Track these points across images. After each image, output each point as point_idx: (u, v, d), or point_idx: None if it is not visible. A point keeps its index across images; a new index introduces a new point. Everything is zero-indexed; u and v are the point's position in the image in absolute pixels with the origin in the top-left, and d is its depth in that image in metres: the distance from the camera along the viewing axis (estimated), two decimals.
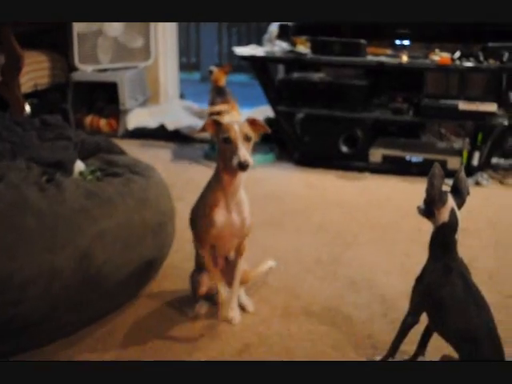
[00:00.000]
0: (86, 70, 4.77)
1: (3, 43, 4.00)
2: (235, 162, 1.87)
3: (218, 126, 1.97)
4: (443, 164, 3.95)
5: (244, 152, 1.87)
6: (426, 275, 1.83)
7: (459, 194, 1.82)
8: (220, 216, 2.03)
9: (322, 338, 2.10)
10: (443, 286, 1.78)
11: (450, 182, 1.86)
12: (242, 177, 2.00)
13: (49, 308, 1.90)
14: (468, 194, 1.83)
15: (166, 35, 5.32)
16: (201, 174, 3.90)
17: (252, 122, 1.99)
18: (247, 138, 1.92)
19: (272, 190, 3.65)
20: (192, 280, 2.26)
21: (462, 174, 1.83)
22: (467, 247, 2.53)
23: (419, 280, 1.86)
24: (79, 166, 2.51)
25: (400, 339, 1.91)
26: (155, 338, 2.11)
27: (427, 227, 1.91)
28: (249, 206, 2.09)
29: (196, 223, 2.12)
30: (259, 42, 4.69)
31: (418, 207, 1.87)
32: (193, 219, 2.19)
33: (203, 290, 2.21)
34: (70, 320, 2.02)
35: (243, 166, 1.86)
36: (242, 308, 2.25)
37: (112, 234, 2.08)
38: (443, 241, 1.81)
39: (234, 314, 2.16)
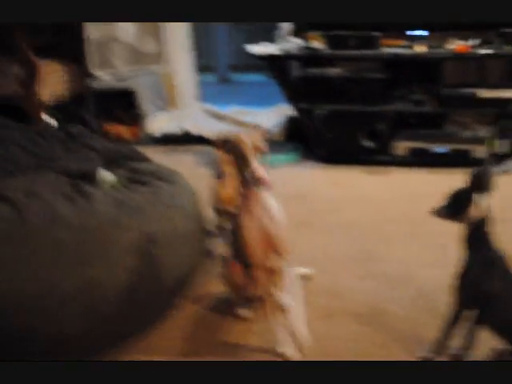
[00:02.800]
0: (102, 77, 4.75)
1: (19, 53, 4.02)
2: (249, 176, 1.86)
3: (228, 143, 1.95)
4: (469, 153, 3.90)
5: (257, 166, 1.85)
6: (468, 271, 1.79)
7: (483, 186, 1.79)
8: (249, 221, 1.96)
9: (366, 337, 2.06)
10: (488, 280, 1.74)
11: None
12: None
13: (89, 321, 1.88)
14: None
15: (178, 38, 5.28)
16: None
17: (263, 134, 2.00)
18: (259, 150, 1.91)
19: (298, 189, 3.61)
20: (224, 276, 2.24)
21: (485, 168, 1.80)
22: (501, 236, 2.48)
23: (462, 277, 1.81)
24: (105, 175, 2.49)
25: (446, 336, 1.86)
26: (201, 347, 2.08)
27: None
28: (280, 213, 2.00)
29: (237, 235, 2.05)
30: (268, 39, 4.58)
31: (437, 211, 1.84)
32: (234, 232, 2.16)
33: (239, 280, 2.17)
34: (109, 332, 1.98)
35: (258, 182, 1.85)
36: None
37: (144, 244, 2.04)
38: (479, 235, 1.77)
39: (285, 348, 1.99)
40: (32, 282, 1.75)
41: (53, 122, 4.21)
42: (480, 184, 1.77)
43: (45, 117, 4.29)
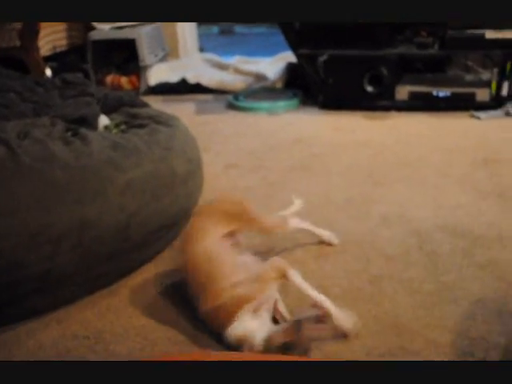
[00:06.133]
0: (103, 29, 4.73)
1: None
2: None
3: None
4: (472, 97, 3.87)
5: None
6: None
7: None
8: None
9: (358, 274, 2.08)
10: None
11: (480, 114, 1.79)
12: None
13: (82, 260, 1.90)
14: None
15: None
16: (226, 124, 3.89)
17: None
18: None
19: (299, 134, 3.61)
20: None
21: None
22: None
23: None
24: (103, 120, 2.50)
25: None
26: None
27: (458, 161, 1.86)
28: None
29: None
30: None
31: None
32: None
33: None
34: (104, 271, 2.02)
35: None
36: None
37: (141, 184, 2.06)
38: None
39: None
40: (26, 219, 1.76)
41: (48, 73, 4.21)
42: None
43: (47, 70, 4.28)
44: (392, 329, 1.78)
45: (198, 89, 4.66)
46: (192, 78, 4.68)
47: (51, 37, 4.51)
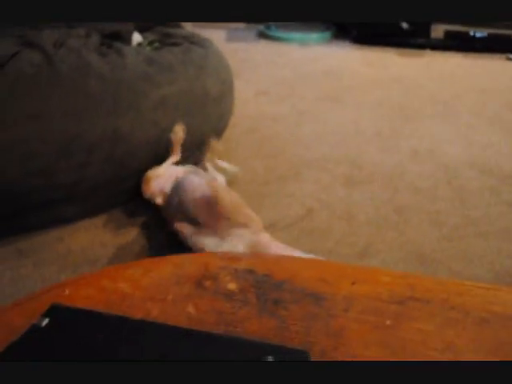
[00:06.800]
0: None
1: None
2: None
3: None
4: (509, 39, 3.79)
5: None
6: None
7: None
8: None
9: (384, 203, 2.09)
10: None
11: None
12: None
13: (113, 171, 1.92)
14: None
15: None
16: (257, 53, 3.84)
17: None
18: None
19: (330, 67, 3.56)
20: None
21: None
22: None
23: None
24: (137, 37, 2.48)
25: None
26: None
27: (492, 101, 1.83)
28: None
29: None
30: None
31: None
32: None
33: None
34: (134, 185, 2.04)
35: None
36: None
37: (174, 101, 2.06)
38: None
39: None
40: (58, 126, 1.77)
41: None
42: None
43: None
44: (416, 257, 1.79)
45: None
46: None
47: None
